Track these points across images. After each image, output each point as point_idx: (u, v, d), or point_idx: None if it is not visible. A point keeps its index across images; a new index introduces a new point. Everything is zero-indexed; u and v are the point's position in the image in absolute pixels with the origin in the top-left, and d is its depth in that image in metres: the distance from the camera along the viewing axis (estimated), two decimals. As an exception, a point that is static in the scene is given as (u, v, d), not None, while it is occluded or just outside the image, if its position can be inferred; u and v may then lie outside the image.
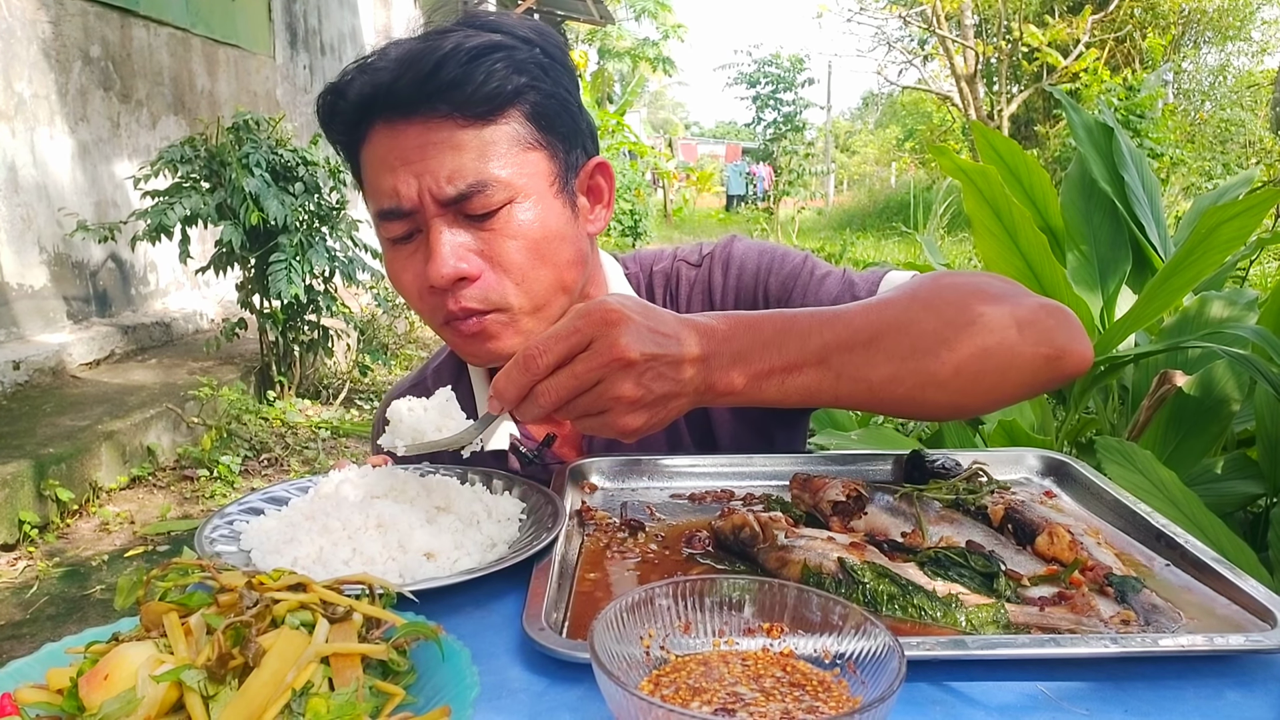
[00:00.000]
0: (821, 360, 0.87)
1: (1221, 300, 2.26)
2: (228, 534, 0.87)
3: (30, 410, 4.25)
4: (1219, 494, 1.88)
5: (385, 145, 1.02)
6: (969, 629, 0.71)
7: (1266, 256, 6.44)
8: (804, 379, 0.87)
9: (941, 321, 0.92)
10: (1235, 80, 18.32)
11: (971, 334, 0.92)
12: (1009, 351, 0.93)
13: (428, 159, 1.00)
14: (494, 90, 1.00)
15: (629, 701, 0.52)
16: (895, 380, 0.90)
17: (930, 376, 0.90)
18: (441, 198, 1.00)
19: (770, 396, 0.87)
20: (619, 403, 0.80)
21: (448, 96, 0.99)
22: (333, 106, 1.06)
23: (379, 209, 1.04)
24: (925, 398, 0.92)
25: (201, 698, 0.53)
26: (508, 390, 0.82)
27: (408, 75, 0.99)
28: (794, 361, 0.87)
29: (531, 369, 0.80)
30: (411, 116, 1.00)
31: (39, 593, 3.18)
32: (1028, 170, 2.64)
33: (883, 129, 37.91)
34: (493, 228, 1.02)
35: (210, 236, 5.13)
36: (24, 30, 4.85)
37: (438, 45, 1.00)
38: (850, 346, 0.88)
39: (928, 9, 17.42)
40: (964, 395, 0.93)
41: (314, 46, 8.56)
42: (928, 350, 0.90)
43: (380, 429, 1.35)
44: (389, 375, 6.38)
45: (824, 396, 0.89)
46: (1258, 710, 0.63)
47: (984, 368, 0.92)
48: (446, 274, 1.00)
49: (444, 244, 1.01)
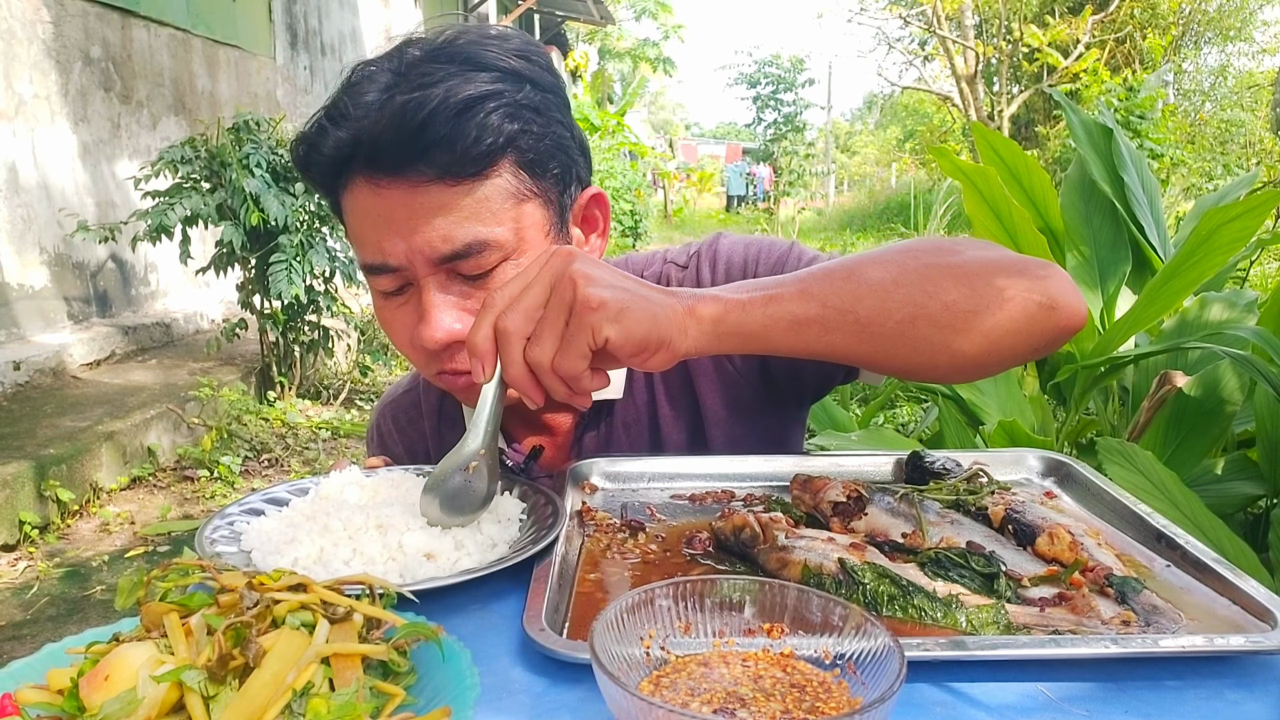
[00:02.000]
0: (803, 291, 0.86)
1: (1221, 301, 2.26)
2: (228, 534, 0.87)
3: (30, 411, 4.25)
4: (1219, 495, 1.88)
5: (368, 201, 0.96)
6: (969, 630, 0.71)
7: (1267, 257, 6.44)
8: (789, 306, 0.85)
9: (928, 264, 0.91)
10: (1236, 81, 18.33)
11: (962, 275, 0.90)
12: (1002, 293, 0.90)
13: (416, 220, 0.94)
14: (486, 148, 0.94)
15: (629, 702, 0.52)
16: (883, 313, 0.87)
17: (920, 311, 0.88)
18: (434, 258, 0.95)
19: (755, 320, 0.84)
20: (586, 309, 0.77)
21: (434, 159, 0.92)
22: (307, 158, 1.00)
23: (364, 263, 1.00)
24: (917, 334, 0.89)
25: (202, 698, 0.53)
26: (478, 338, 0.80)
27: (390, 133, 0.92)
28: (776, 294, 0.85)
29: (491, 304, 0.80)
30: (396, 176, 0.94)
31: (39, 593, 3.19)
32: (1028, 171, 2.64)
33: (883, 129, 37.91)
34: (487, 286, 0.98)
35: (211, 237, 5.14)
36: (24, 30, 4.85)
37: (423, 100, 0.92)
38: (834, 278, 0.87)
39: (928, 9, 17.43)
40: (957, 335, 0.90)
41: (314, 47, 8.56)
42: (916, 286, 0.89)
43: (374, 437, 1.35)
44: (389, 375, 6.38)
45: (811, 329, 0.86)
46: (1258, 711, 0.63)
47: (975, 306, 0.90)
48: (440, 338, 0.97)
49: (437, 305, 0.97)
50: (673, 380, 1.18)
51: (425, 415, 1.28)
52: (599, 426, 1.18)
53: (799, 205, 21.05)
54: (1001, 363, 0.97)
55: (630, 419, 1.18)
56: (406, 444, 1.30)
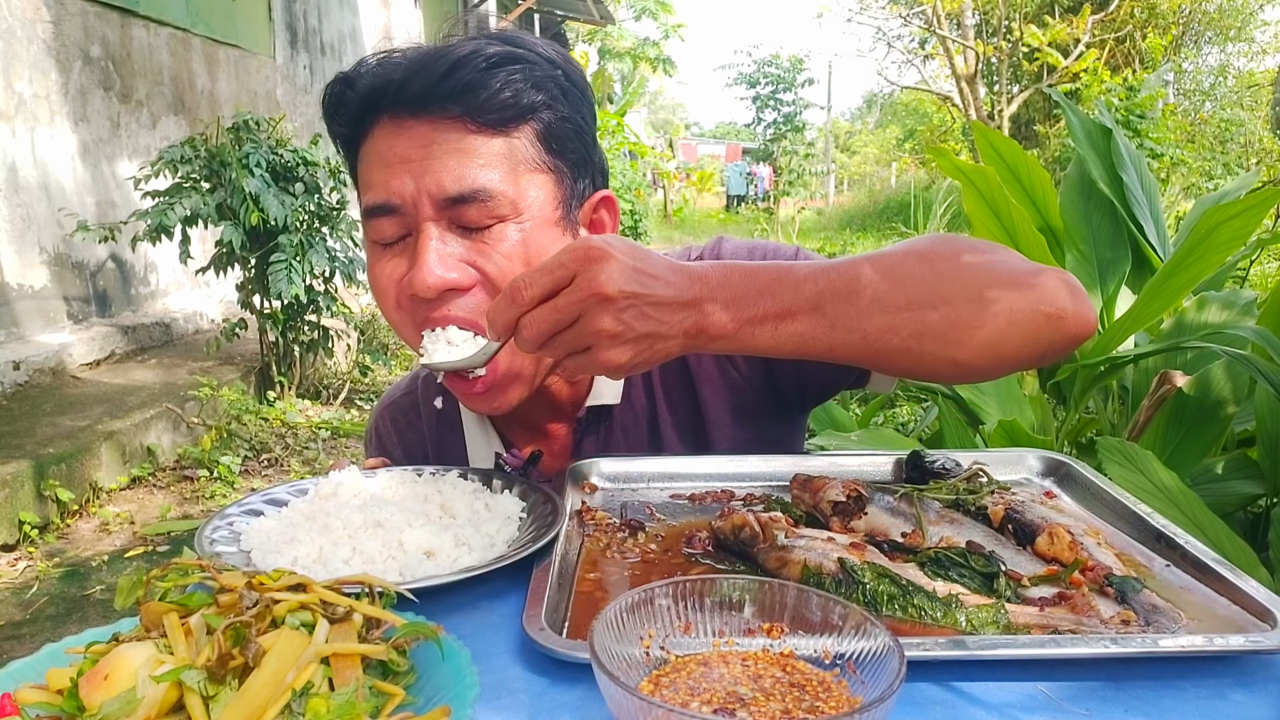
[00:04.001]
0: (815, 307, 0.86)
1: (1221, 301, 2.26)
2: (228, 534, 0.87)
3: (30, 410, 4.25)
4: (1219, 494, 1.88)
5: (387, 141, 0.99)
6: (969, 629, 0.71)
7: (1266, 257, 6.44)
8: (798, 326, 0.85)
9: (939, 274, 0.91)
10: (1235, 80, 18.33)
11: (971, 287, 0.90)
12: (1009, 307, 0.90)
13: (430, 158, 0.96)
14: (509, 100, 0.97)
15: (629, 701, 0.52)
16: (890, 330, 0.88)
17: (927, 327, 0.89)
18: (440, 197, 0.96)
19: (763, 343, 0.85)
20: (599, 337, 0.79)
21: (461, 99, 0.96)
22: (340, 96, 1.03)
23: (369, 204, 1.01)
24: (923, 349, 0.90)
25: (201, 698, 0.54)
26: (497, 320, 0.82)
27: (422, 72, 0.96)
28: (788, 308, 0.85)
29: (517, 301, 0.80)
30: (420, 114, 0.97)
31: (39, 593, 3.19)
32: (1027, 170, 2.64)
33: (883, 129, 37.92)
34: (485, 241, 0.99)
35: (210, 237, 5.14)
36: (24, 30, 4.85)
37: (456, 48, 0.98)
38: (844, 295, 0.87)
39: (928, 9, 17.43)
40: (962, 349, 0.90)
41: (314, 46, 8.56)
42: (925, 302, 0.89)
43: (372, 439, 1.34)
44: (389, 375, 6.38)
45: (818, 345, 0.87)
46: (1258, 711, 0.63)
47: (982, 321, 0.90)
48: (433, 283, 0.96)
49: (432, 250, 0.97)
50: (673, 384, 1.18)
51: (424, 418, 1.28)
52: (598, 431, 1.18)
53: (799, 205, 21.05)
54: (1006, 370, 0.98)
55: (629, 423, 1.18)
56: (405, 446, 1.30)
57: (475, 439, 1.23)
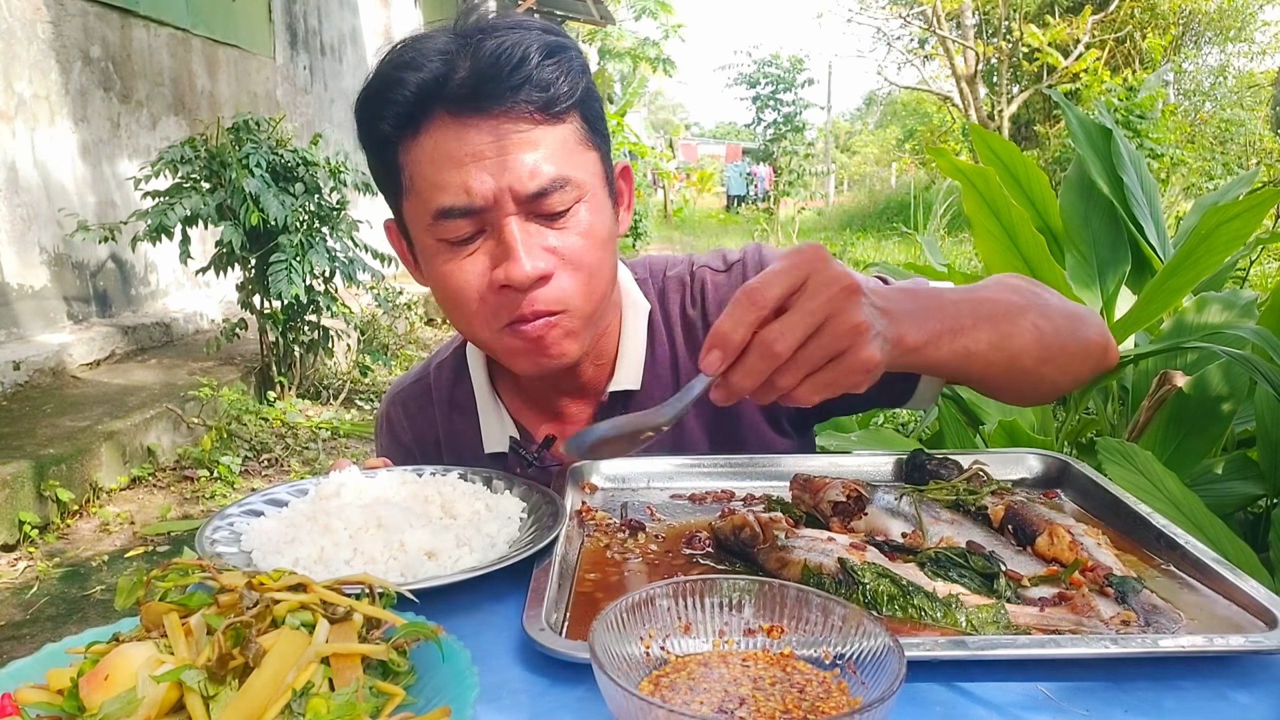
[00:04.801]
0: (975, 327, 0.92)
1: (1220, 301, 2.26)
2: (228, 535, 0.87)
3: (30, 411, 4.25)
4: (1219, 495, 1.88)
5: (453, 140, 0.97)
6: (969, 629, 0.71)
7: (1266, 257, 6.44)
8: (964, 342, 0.91)
9: (1052, 307, 1.02)
10: (1235, 80, 18.33)
11: (1071, 318, 1.03)
12: (1086, 336, 1.04)
13: (506, 155, 0.96)
14: (566, 90, 0.99)
15: (629, 702, 0.52)
16: (1025, 352, 0.97)
17: (1048, 351, 0.99)
18: (523, 194, 0.97)
19: (939, 357, 0.90)
20: (858, 333, 0.74)
21: (529, 96, 0.97)
22: (385, 94, 0.99)
23: (441, 207, 0.98)
24: (1039, 372, 1.00)
25: (202, 698, 0.53)
26: (732, 335, 0.72)
27: (486, 69, 0.96)
28: (954, 326, 0.90)
29: (759, 303, 0.72)
30: (485, 112, 0.96)
31: (39, 593, 3.18)
32: (1026, 172, 2.64)
33: (883, 129, 37.91)
34: (564, 226, 1.01)
35: (210, 237, 5.14)
36: (24, 30, 4.85)
37: (518, 40, 0.97)
38: (994, 319, 0.95)
39: (928, 9, 17.42)
40: (1063, 373, 1.03)
41: (314, 47, 8.56)
42: (1049, 326, 0.99)
43: (383, 426, 1.34)
44: (389, 375, 6.38)
45: (976, 363, 0.94)
46: (1258, 711, 0.63)
47: (1078, 348, 1.03)
48: (530, 273, 0.97)
49: (524, 242, 0.98)
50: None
51: (436, 404, 1.28)
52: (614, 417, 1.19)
53: (799, 205, 21.05)
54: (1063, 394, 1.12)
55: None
56: (416, 432, 1.29)
57: (490, 423, 1.23)
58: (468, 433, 1.24)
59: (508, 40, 0.97)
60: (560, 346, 1.05)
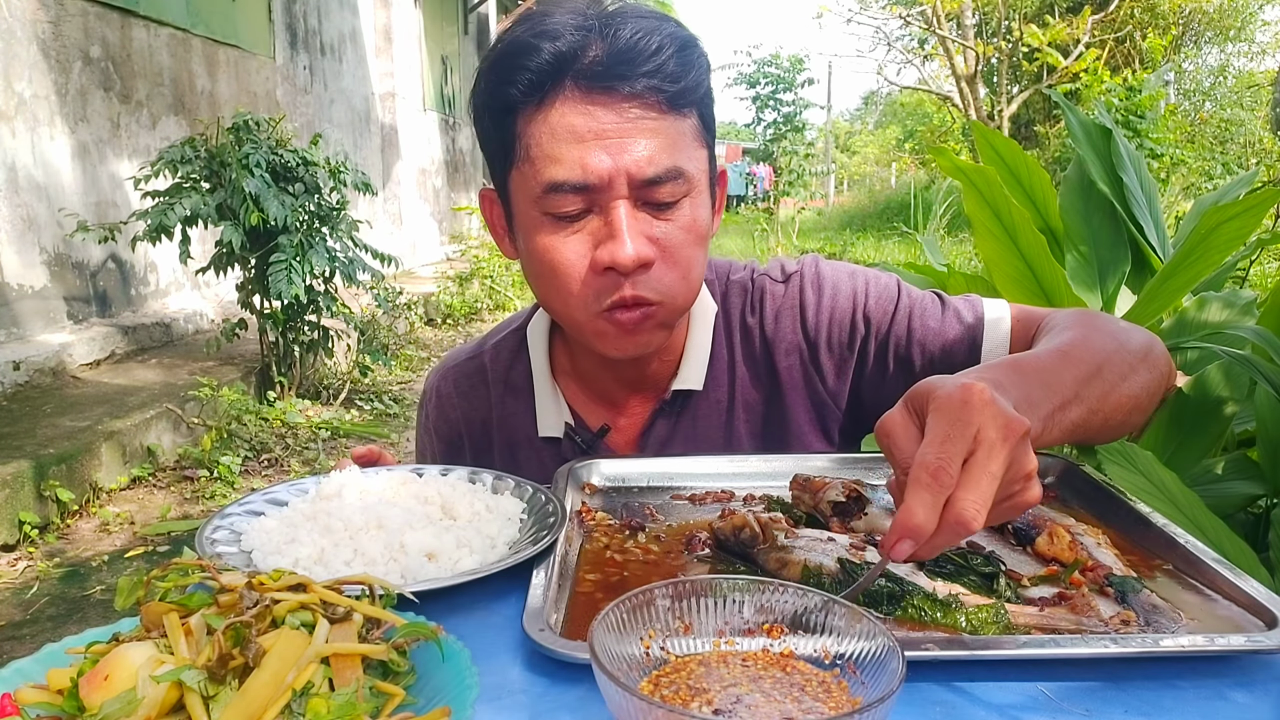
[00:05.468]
0: (1077, 396, 0.91)
1: (1220, 301, 2.26)
2: (229, 534, 0.87)
3: (30, 410, 4.25)
4: (1219, 495, 1.88)
5: (578, 115, 0.98)
6: (969, 629, 0.71)
7: (1266, 257, 6.44)
8: (1071, 415, 0.90)
9: (1130, 353, 1.01)
10: (1235, 80, 18.32)
11: (1146, 361, 1.03)
12: (1160, 374, 1.04)
13: (627, 138, 0.97)
14: (695, 83, 1.01)
15: (629, 702, 0.52)
16: (1118, 408, 0.97)
17: (1135, 402, 0.99)
18: (639, 178, 0.98)
19: (1052, 437, 0.89)
20: (1029, 478, 0.72)
21: (660, 83, 0.98)
22: (518, 58, 0.99)
23: (555, 180, 0.98)
24: (1123, 420, 1.00)
25: (202, 698, 0.53)
26: (929, 522, 0.66)
27: (626, 52, 0.97)
28: (1060, 401, 0.89)
29: (945, 483, 0.67)
30: (614, 92, 0.97)
31: (39, 593, 3.18)
32: (1027, 171, 2.64)
33: (883, 129, 37.91)
34: (670, 218, 1.02)
35: (210, 237, 5.14)
36: (24, 30, 4.85)
37: (657, 27, 0.99)
38: (1088, 381, 0.94)
39: (928, 9, 17.42)
40: (1144, 415, 1.03)
41: (314, 47, 8.56)
42: (1131, 370, 0.99)
43: (431, 399, 1.32)
44: (389, 376, 6.38)
45: (1079, 432, 0.93)
46: (1259, 711, 0.63)
47: (1152, 389, 1.03)
48: (635, 257, 0.98)
49: (631, 225, 0.99)
50: (755, 385, 1.20)
51: (491, 383, 1.28)
52: (673, 415, 1.20)
53: (799, 205, 21.03)
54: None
55: (704, 413, 1.20)
56: (466, 409, 1.29)
57: (546, 408, 1.23)
58: (521, 415, 1.25)
59: (646, 27, 0.99)
60: (650, 336, 1.08)
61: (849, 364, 1.19)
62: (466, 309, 9.00)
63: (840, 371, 1.19)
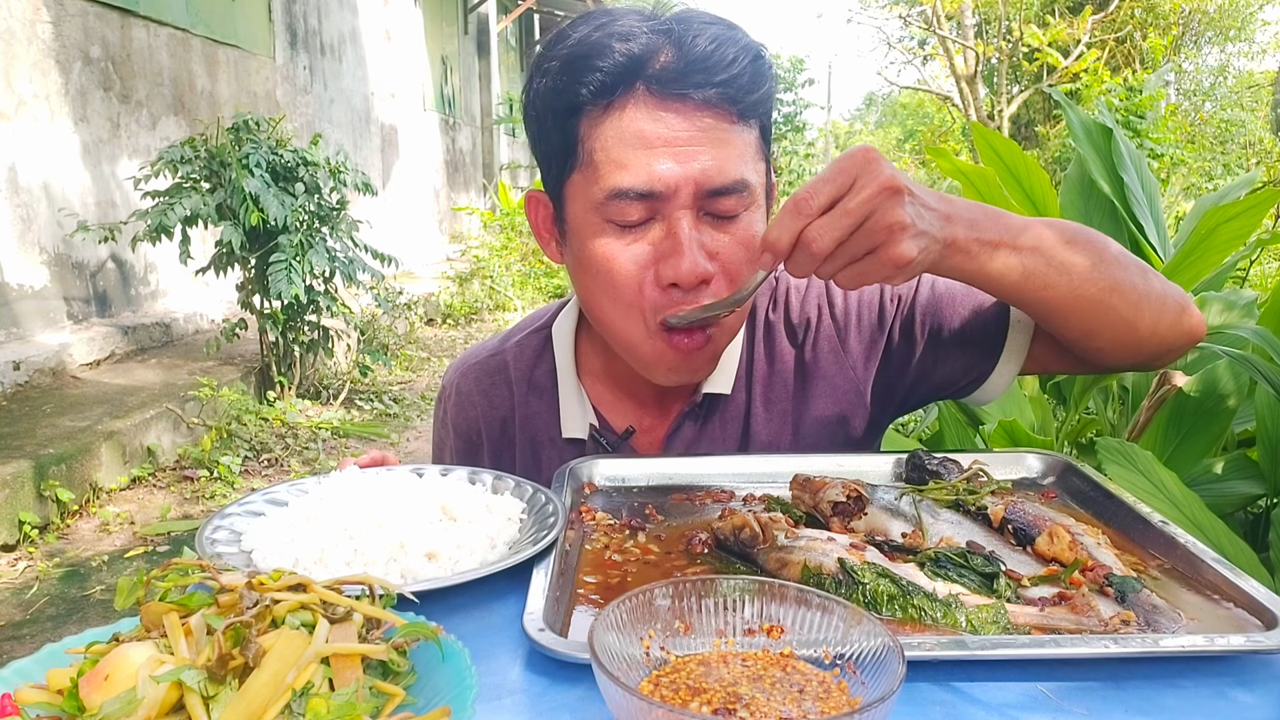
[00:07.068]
0: (1036, 246, 0.93)
1: (1221, 301, 2.26)
2: (229, 535, 0.87)
3: (30, 411, 4.25)
4: (1219, 494, 1.88)
5: (647, 120, 0.95)
6: (969, 630, 0.71)
7: (1266, 257, 6.44)
8: (1024, 258, 0.92)
9: (1117, 247, 1.00)
10: (1236, 81, 18.32)
11: (1136, 263, 1.01)
12: (1157, 285, 1.01)
13: (695, 146, 0.95)
14: (763, 95, 1.00)
15: (629, 702, 0.52)
16: (1090, 280, 0.95)
17: (1116, 283, 0.97)
18: (707, 188, 0.96)
19: (995, 268, 0.91)
20: (893, 231, 0.79)
21: (732, 93, 0.96)
22: (590, 58, 0.96)
23: (620, 187, 0.96)
24: (1111, 303, 0.97)
25: (202, 698, 0.53)
26: (781, 238, 0.80)
27: (700, 59, 0.95)
28: (1016, 242, 0.91)
29: (804, 211, 0.79)
30: (687, 99, 0.95)
31: (39, 593, 3.18)
32: (1027, 171, 2.64)
33: (883, 129, 37.89)
34: (730, 231, 1.00)
35: (210, 237, 5.13)
36: (24, 30, 4.85)
37: (732, 38, 0.98)
38: (1057, 242, 0.95)
39: (928, 9, 17.42)
40: (1137, 312, 0.98)
41: (314, 47, 8.56)
42: (1114, 261, 0.98)
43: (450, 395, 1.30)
44: (389, 376, 6.38)
45: (1034, 281, 0.93)
46: (1259, 711, 0.63)
47: (1150, 292, 0.99)
48: (698, 274, 0.97)
49: (693, 239, 0.97)
50: (776, 383, 1.19)
51: (514, 382, 1.26)
52: (699, 417, 1.19)
53: (799, 205, 21.02)
54: (1153, 354, 1.05)
55: (729, 416, 1.19)
56: (486, 407, 1.27)
57: (570, 408, 1.21)
58: (545, 415, 1.23)
59: (721, 34, 0.97)
60: (704, 365, 1.08)
61: (878, 346, 1.17)
62: (467, 309, 9.00)
63: (869, 354, 1.18)
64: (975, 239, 0.89)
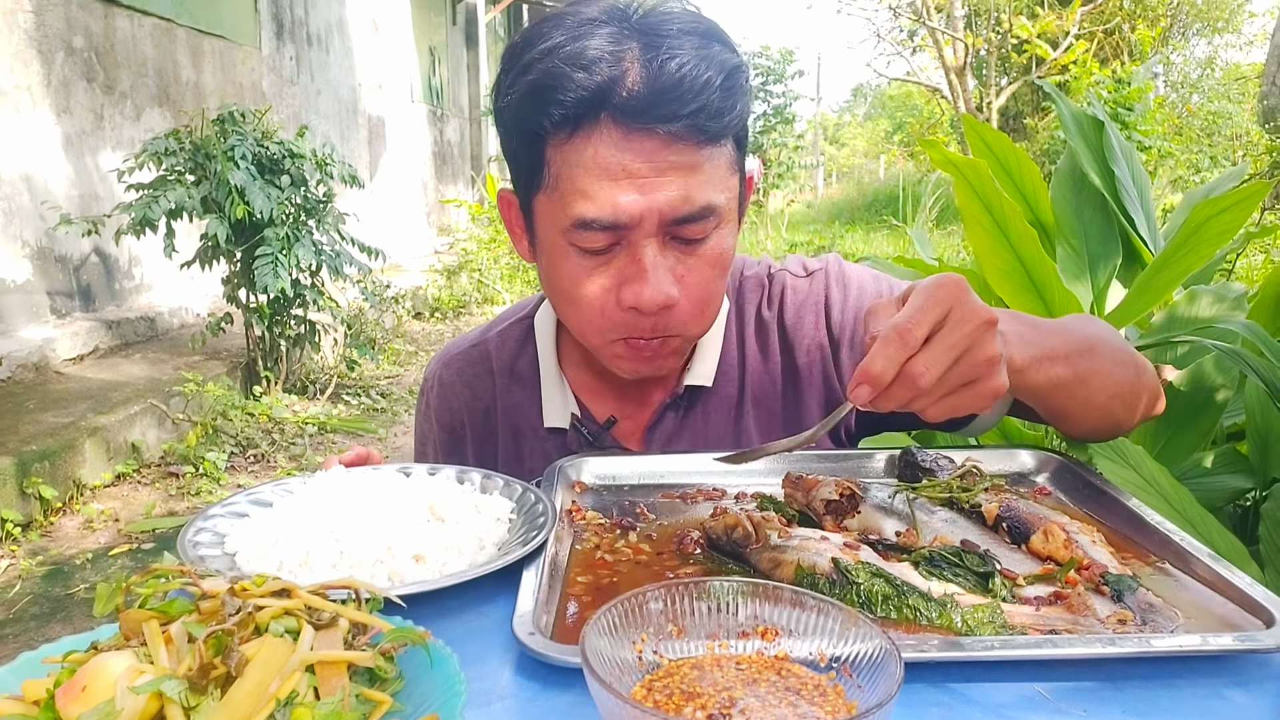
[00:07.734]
0: (1067, 356, 0.95)
1: (1210, 294, 2.26)
2: (212, 537, 0.85)
3: (13, 406, 4.20)
4: (1209, 488, 1.89)
5: (612, 150, 0.93)
6: (965, 630, 0.71)
7: (1252, 249, 6.48)
8: (1058, 370, 0.94)
9: (1119, 347, 1.05)
10: (1223, 73, 18.42)
11: (1137, 363, 1.05)
12: (1146, 381, 1.06)
13: (662, 177, 0.94)
14: (736, 114, 0.97)
15: (621, 708, 0.51)
16: (1103, 388, 1.00)
17: (1120, 388, 1.02)
18: (672, 218, 0.95)
19: (1036, 382, 0.92)
20: (991, 365, 0.79)
21: (702, 121, 0.93)
22: (551, 91, 0.93)
23: (584, 217, 0.95)
24: (1109, 407, 1.02)
25: (183, 709, 0.52)
26: (887, 371, 0.76)
27: (670, 89, 0.92)
28: (1050, 354, 0.93)
29: (909, 344, 0.76)
30: (654, 127, 0.92)
31: (22, 592, 3.15)
32: (1018, 164, 2.64)
33: (872, 121, 37.96)
34: (697, 253, 1.00)
35: (195, 230, 5.09)
36: (5, 20, 4.78)
37: (704, 60, 0.93)
38: (1082, 352, 0.98)
39: (917, 1, 17.43)
40: (1127, 411, 1.04)
41: (300, 37, 8.48)
42: (1121, 364, 1.02)
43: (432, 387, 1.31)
44: (376, 370, 6.35)
45: (1062, 392, 0.96)
46: (1256, 710, 0.63)
47: (1141, 389, 1.05)
48: (660, 301, 0.97)
49: (659, 266, 0.97)
50: (768, 384, 1.19)
51: (496, 373, 1.26)
52: (680, 409, 1.19)
53: (788, 198, 21.04)
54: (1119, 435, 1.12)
55: (713, 409, 1.19)
56: (468, 397, 1.27)
57: (552, 398, 1.22)
58: (526, 404, 1.24)
59: (690, 59, 0.93)
60: (666, 362, 1.09)
61: None
62: (455, 302, 8.97)
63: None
64: (1026, 358, 0.90)
